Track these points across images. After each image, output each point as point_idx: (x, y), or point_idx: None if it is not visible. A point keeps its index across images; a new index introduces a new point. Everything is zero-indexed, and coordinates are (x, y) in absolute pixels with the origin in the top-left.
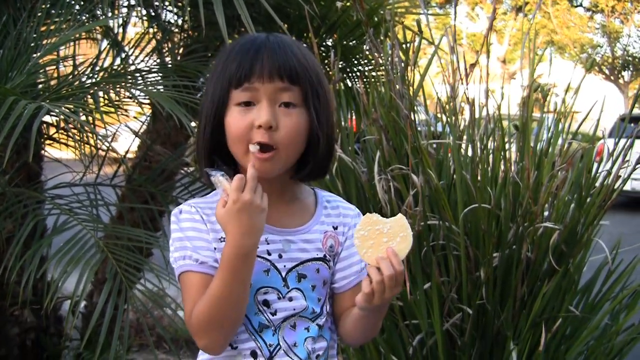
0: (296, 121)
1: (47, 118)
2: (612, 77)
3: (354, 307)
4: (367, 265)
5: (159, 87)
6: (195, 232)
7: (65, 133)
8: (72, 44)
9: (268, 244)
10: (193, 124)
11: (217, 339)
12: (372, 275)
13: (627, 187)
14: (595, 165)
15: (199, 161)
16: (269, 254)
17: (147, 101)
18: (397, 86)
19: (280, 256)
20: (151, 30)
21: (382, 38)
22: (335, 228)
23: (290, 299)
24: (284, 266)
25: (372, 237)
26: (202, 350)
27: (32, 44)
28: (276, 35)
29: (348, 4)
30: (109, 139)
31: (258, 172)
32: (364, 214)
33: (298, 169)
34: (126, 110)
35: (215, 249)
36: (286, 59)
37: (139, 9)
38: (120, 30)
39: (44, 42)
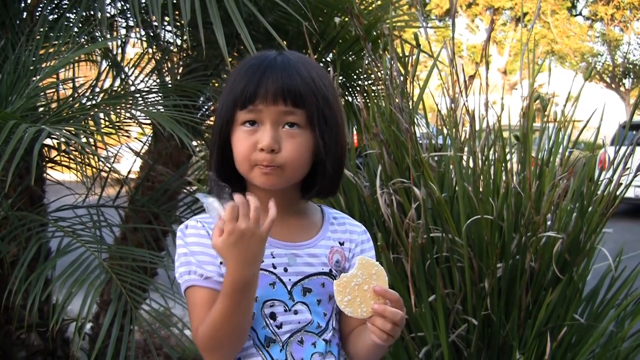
0: (299, 143)
1: (48, 141)
2: (613, 85)
3: (365, 332)
4: (369, 319)
5: (159, 107)
6: (201, 247)
7: (66, 155)
8: (71, 66)
9: (274, 257)
10: (194, 143)
11: (222, 357)
12: (381, 326)
13: (630, 194)
14: (598, 172)
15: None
16: (275, 267)
17: (148, 121)
18: (397, 100)
19: (285, 270)
20: (150, 50)
21: (380, 52)
22: (342, 244)
23: (296, 312)
24: (289, 280)
25: (356, 295)
26: None
27: (32, 68)
28: (285, 54)
29: (346, 19)
30: (111, 160)
31: (262, 185)
32: (367, 228)
33: (307, 187)
34: (127, 131)
35: (221, 263)
36: (290, 82)
37: (137, 29)
38: (120, 51)
39: (43, 65)
